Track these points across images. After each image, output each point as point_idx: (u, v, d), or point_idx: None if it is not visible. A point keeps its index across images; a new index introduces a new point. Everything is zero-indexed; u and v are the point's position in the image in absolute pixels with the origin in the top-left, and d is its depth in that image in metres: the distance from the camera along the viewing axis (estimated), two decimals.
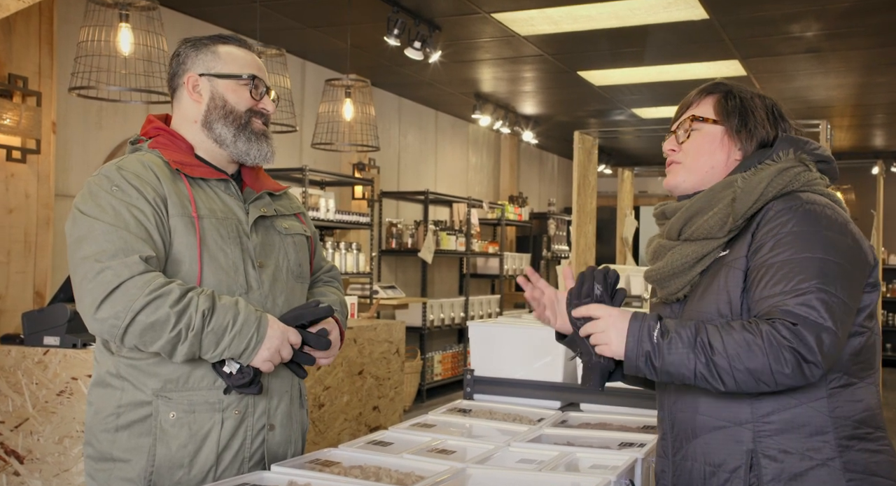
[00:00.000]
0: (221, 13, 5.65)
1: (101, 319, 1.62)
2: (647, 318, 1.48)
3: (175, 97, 1.88)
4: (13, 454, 3.31)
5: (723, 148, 1.63)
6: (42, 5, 4.21)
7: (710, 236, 1.56)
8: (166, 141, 1.83)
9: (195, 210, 1.75)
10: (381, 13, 5.35)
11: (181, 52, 1.87)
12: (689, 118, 1.66)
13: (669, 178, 1.68)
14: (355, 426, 4.60)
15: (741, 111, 1.63)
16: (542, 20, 5.66)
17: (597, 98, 8.30)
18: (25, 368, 3.31)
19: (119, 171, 1.73)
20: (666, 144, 1.69)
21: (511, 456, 1.80)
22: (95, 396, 1.78)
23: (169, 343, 1.63)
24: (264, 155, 1.87)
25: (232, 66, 1.85)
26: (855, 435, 1.49)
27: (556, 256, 11.00)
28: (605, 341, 1.50)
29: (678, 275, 1.59)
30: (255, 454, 1.80)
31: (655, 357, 1.45)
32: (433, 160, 9.14)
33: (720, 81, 1.70)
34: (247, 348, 1.68)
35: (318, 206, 6.41)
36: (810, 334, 1.38)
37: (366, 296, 7.04)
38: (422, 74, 7.29)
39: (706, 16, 5.46)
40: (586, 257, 5.62)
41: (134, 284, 1.61)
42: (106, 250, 1.63)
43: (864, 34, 5.89)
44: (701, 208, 1.58)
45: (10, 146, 4.11)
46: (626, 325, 1.48)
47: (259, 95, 1.88)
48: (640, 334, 1.46)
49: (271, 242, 1.88)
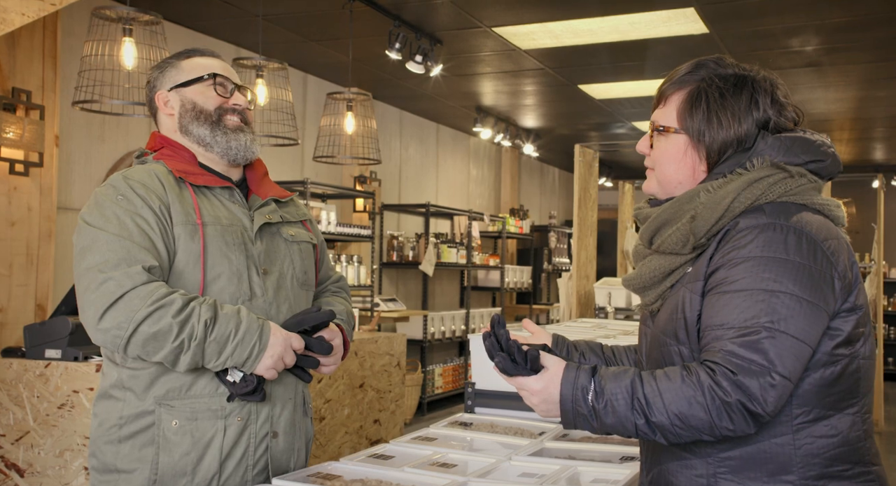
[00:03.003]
0: (223, 27, 5.68)
1: (104, 329, 1.62)
2: (579, 377, 1.38)
3: (157, 121, 1.93)
4: (14, 468, 3.30)
5: (686, 160, 1.48)
6: (46, 20, 4.23)
7: (674, 252, 1.46)
8: (170, 152, 1.87)
9: (199, 218, 1.76)
10: (383, 27, 5.38)
11: (150, 79, 1.93)
12: (651, 127, 1.52)
13: (646, 184, 1.57)
14: (356, 440, 4.59)
15: (706, 115, 1.45)
16: (543, 34, 5.69)
17: (597, 111, 8.33)
18: (27, 381, 3.31)
19: (125, 180, 1.76)
20: (640, 143, 1.56)
21: (512, 470, 1.80)
22: (100, 408, 1.79)
23: (172, 353, 1.64)
24: (244, 145, 1.87)
25: (194, 72, 1.89)
26: (826, 474, 1.35)
27: (556, 268, 10.99)
28: (541, 411, 1.43)
29: (650, 287, 1.51)
30: (258, 462, 1.80)
31: (593, 420, 1.37)
32: (434, 173, 9.16)
33: (699, 60, 1.51)
34: (250, 356, 1.69)
35: (320, 218, 6.42)
36: (753, 382, 1.27)
37: (367, 309, 7.04)
38: (423, 88, 7.32)
39: (706, 30, 5.49)
40: (587, 269, 5.62)
41: (136, 294, 1.61)
42: (109, 260, 1.64)
43: (863, 48, 5.91)
44: (667, 220, 1.46)
45: (13, 159, 4.12)
46: (557, 392, 1.39)
47: (227, 92, 1.90)
48: (575, 397, 1.38)
49: (276, 249, 1.88)
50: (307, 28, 5.66)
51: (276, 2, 5.07)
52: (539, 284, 10.80)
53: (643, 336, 1.59)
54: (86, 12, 4.38)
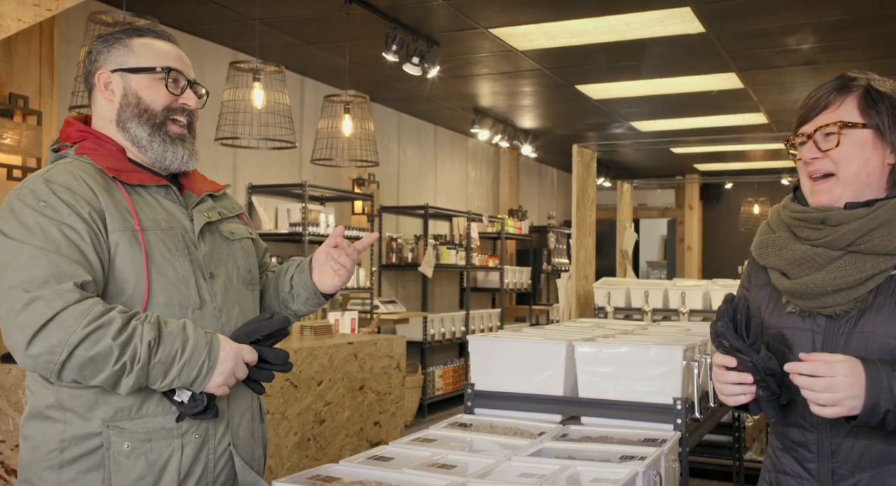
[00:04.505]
0: (220, 31, 5.68)
1: (34, 355, 1.46)
2: (882, 375, 1.35)
3: (91, 98, 1.72)
4: (13, 474, 3.30)
5: (875, 152, 1.51)
6: (42, 25, 4.24)
7: (890, 252, 1.45)
8: (94, 145, 1.66)
9: (138, 223, 1.60)
10: (380, 29, 5.39)
11: (93, 49, 1.70)
12: (837, 124, 1.51)
13: (823, 192, 1.53)
14: (356, 442, 4.59)
15: (890, 109, 1.51)
16: (540, 35, 5.69)
17: (595, 111, 8.33)
18: (25, 387, 3.30)
19: (47, 184, 1.55)
20: (806, 151, 1.54)
21: (512, 470, 1.80)
22: (32, 430, 1.62)
23: (112, 377, 1.49)
24: (180, 160, 1.70)
25: (145, 58, 1.68)
26: None
27: (556, 269, 11.00)
28: (829, 402, 1.36)
29: (846, 290, 1.47)
30: (218, 477, 1.69)
31: (894, 415, 1.35)
32: (432, 175, 9.16)
33: (845, 74, 1.56)
34: (198, 375, 1.55)
35: (318, 221, 6.42)
36: None
37: (366, 311, 7.04)
38: (420, 89, 7.33)
39: (702, 29, 5.50)
40: (586, 270, 5.62)
41: (69, 314, 1.45)
42: (35, 277, 1.46)
43: (859, 47, 5.92)
44: (886, 221, 1.46)
45: (10, 165, 4.12)
46: (861, 385, 1.35)
47: (179, 90, 1.70)
48: (880, 394, 1.35)
49: (219, 249, 1.75)
50: (304, 31, 5.67)
51: (273, 5, 5.07)
52: (538, 284, 10.80)
53: (797, 340, 1.55)
54: (82, 17, 4.38)
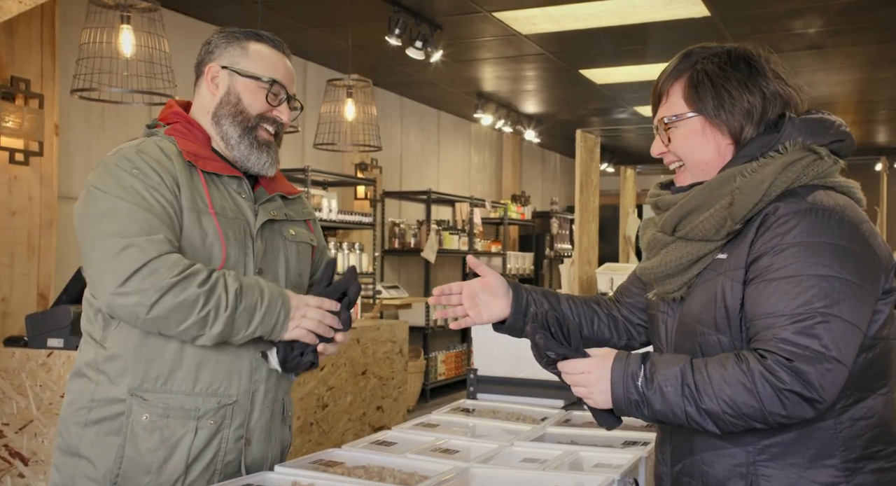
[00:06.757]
0: (223, 14, 5.65)
1: (126, 294, 1.55)
2: (629, 363, 1.38)
3: (196, 84, 1.83)
4: (18, 456, 3.31)
5: (707, 138, 1.47)
6: (44, 7, 4.21)
7: (705, 239, 1.43)
8: (183, 129, 1.77)
9: (211, 206, 1.70)
10: (383, 13, 5.35)
11: (212, 41, 1.82)
12: (661, 122, 1.50)
13: (680, 180, 1.53)
14: (359, 427, 4.60)
15: (714, 91, 1.45)
16: (544, 19, 5.65)
17: (599, 96, 8.30)
18: (29, 370, 3.31)
19: (139, 154, 1.67)
20: (654, 147, 1.55)
21: (515, 455, 1.80)
22: (73, 386, 1.73)
23: (196, 325, 1.58)
24: (262, 165, 1.80)
25: (255, 65, 1.79)
26: (865, 455, 1.37)
27: (559, 254, 10.99)
28: (590, 396, 1.43)
29: (674, 275, 1.48)
30: (227, 467, 1.72)
31: (644, 407, 1.37)
32: (435, 160, 9.14)
33: (686, 50, 1.51)
34: (276, 323, 1.65)
35: (321, 206, 6.41)
36: (811, 369, 1.26)
37: (369, 296, 7.04)
38: (423, 74, 7.29)
39: (707, 13, 5.46)
40: (589, 255, 5.61)
41: (161, 263, 1.56)
42: (130, 229, 1.58)
43: (866, 30, 5.87)
44: (696, 206, 1.44)
45: (12, 149, 4.11)
46: (608, 376, 1.39)
47: (277, 102, 1.80)
48: (626, 383, 1.38)
49: (275, 248, 1.82)
50: (307, 14, 5.63)
51: None
52: (541, 270, 10.79)
53: (660, 324, 1.57)
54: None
